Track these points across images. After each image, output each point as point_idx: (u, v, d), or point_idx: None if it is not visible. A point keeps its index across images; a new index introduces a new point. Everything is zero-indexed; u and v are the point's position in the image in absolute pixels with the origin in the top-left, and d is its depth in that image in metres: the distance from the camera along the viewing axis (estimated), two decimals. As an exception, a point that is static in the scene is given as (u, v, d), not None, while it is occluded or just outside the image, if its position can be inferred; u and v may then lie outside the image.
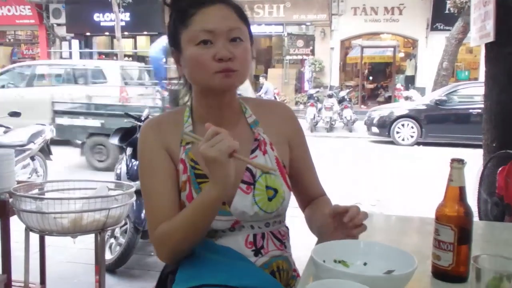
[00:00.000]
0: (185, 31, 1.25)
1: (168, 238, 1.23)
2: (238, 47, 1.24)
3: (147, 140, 1.34)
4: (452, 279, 1.09)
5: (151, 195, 1.30)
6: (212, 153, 1.10)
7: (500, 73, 3.45)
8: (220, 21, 1.23)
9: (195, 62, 1.24)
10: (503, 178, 2.87)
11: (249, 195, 1.29)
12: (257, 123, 1.39)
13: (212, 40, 1.22)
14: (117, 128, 4.01)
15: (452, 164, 1.09)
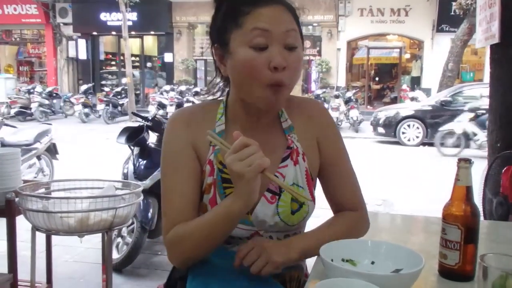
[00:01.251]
0: (236, 30, 1.16)
1: (182, 242, 1.17)
2: (292, 55, 1.15)
3: (174, 133, 1.26)
4: (459, 277, 1.09)
5: (171, 193, 1.23)
6: (239, 167, 1.03)
7: (505, 74, 3.45)
8: (276, 22, 1.14)
9: (247, 67, 1.14)
10: (507, 178, 2.87)
11: (273, 205, 1.23)
12: (291, 129, 1.30)
13: (267, 44, 1.13)
14: (124, 127, 4.02)
15: (459, 164, 1.09)
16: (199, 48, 20.35)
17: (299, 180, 1.26)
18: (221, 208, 1.13)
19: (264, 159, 1.04)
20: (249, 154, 1.03)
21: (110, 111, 15.04)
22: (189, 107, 1.37)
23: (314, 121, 1.33)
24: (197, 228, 1.15)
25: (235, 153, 1.04)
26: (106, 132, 11.67)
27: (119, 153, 5.69)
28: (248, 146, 1.04)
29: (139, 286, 3.45)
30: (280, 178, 1.24)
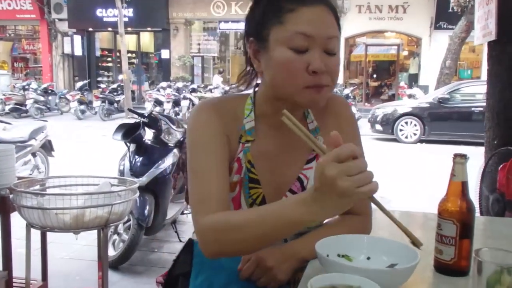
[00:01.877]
0: (277, 27, 1.10)
1: (227, 232, 1.04)
2: (332, 59, 1.11)
3: (207, 119, 1.18)
4: (454, 272, 1.09)
5: (205, 174, 1.13)
6: (347, 185, 0.85)
7: (502, 71, 3.46)
8: (321, 27, 1.09)
9: (285, 69, 1.09)
10: (504, 175, 2.88)
11: None
12: (317, 131, 1.27)
13: (307, 47, 1.08)
14: (120, 124, 4.01)
15: (455, 159, 1.09)
16: (196, 44, 20.32)
17: None
18: (289, 212, 0.96)
19: (376, 182, 0.88)
20: (359, 170, 0.86)
21: (106, 108, 15.02)
22: (215, 99, 1.28)
23: (337, 118, 1.30)
24: (249, 223, 1.02)
25: (340, 162, 0.86)
26: (102, 129, 11.66)
27: (115, 150, 5.68)
28: (356, 158, 0.87)
29: (136, 283, 3.45)
30: (304, 180, 1.23)
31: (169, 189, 3.92)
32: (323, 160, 0.87)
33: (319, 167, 0.88)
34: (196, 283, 1.24)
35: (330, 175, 0.85)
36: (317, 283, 0.92)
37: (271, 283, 1.16)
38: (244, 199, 1.19)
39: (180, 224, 4.56)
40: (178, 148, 4.03)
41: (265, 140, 1.21)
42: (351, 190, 0.85)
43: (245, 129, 1.20)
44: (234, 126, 1.20)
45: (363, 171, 0.86)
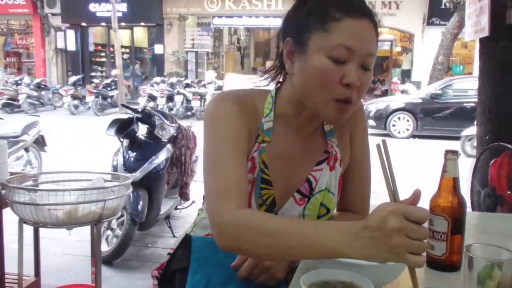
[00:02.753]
0: (320, 33, 1.07)
1: (251, 233, 0.98)
2: (366, 75, 1.09)
3: (233, 108, 1.15)
4: (446, 268, 1.10)
5: (228, 165, 1.09)
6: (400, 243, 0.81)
7: (494, 67, 3.48)
8: (362, 42, 1.07)
9: (320, 77, 1.07)
10: (495, 170, 2.90)
11: (300, 207, 1.22)
12: (333, 133, 1.27)
13: (347, 59, 1.06)
14: (114, 119, 4.00)
15: (447, 156, 1.10)
16: (190, 40, 20.25)
17: (332, 186, 1.25)
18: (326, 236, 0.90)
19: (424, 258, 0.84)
20: (419, 237, 0.82)
21: (99, 103, 14.95)
22: (237, 92, 1.23)
23: (351, 119, 1.27)
24: (280, 232, 0.96)
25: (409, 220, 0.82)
26: (95, 124, 11.61)
27: (109, 145, 5.67)
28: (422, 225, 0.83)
29: (130, 278, 3.45)
30: (312, 181, 1.23)
31: (162, 184, 3.92)
32: (393, 208, 0.83)
33: (384, 210, 0.84)
34: (195, 279, 1.23)
35: (392, 225, 0.82)
36: (310, 279, 0.93)
37: (269, 281, 1.17)
38: (255, 199, 1.19)
39: (174, 219, 4.56)
40: (172, 144, 4.02)
41: (281, 141, 1.21)
42: (401, 251, 0.82)
43: (263, 129, 1.20)
44: (254, 123, 1.19)
45: (421, 240, 0.82)
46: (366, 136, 1.34)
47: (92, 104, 14.85)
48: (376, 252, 0.84)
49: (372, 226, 0.84)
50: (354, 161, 1.31)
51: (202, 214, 1.35)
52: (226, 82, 4.30)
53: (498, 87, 3.43)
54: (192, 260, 1.25)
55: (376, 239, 0.83)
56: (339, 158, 1.27)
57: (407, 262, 0.83)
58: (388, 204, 0.85)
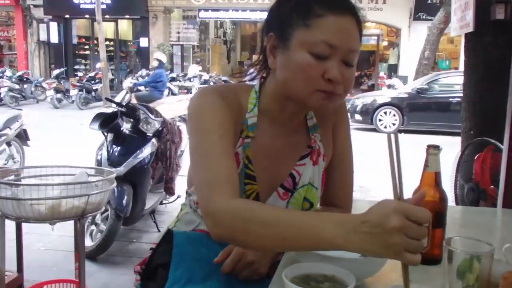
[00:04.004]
0: (303, 29, 1.08)
1: (247, 223, 0.97)
2: (349, 70, 1.11)
3: (218, 101, 1.15)
4: (427, 261, 1.10)
5: (219, 156, 1.08)
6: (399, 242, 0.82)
7: (479, 63, 3.50)
8: (344, 38, 1.08)
9: (302, 72, 1.08)
10: (479, 165, 2.93)
11: (283, 202, 1.23)
12: (316, 128, 1.29)
13: (329, 55, 1.07)
14: (97, 113, 3.96)
15: (428, 150, 1.11)
16: (176, 33, 20.13)
17: (315, 180, 1.26)
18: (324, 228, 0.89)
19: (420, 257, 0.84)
20: (417, 237, 0.83)
21: (83, 96, 14.81)
22: (220, 86, 1.24)
23: (334, 114, 1.31)
24: (277, 222, 0.95)
25: (410, 220, 0.82)
26: (79, 118, 11.50)
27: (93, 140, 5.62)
28: (421, 225, 0.84)
29: (114, 273, 3.43)
30: (296, 176, 1.23)
31: (147, 179, 3.90)
32: (397, 207, 0.83)
33: (387, 207, 0.83)
34: (176, 274, 1.22)
35: (393, 224, 0.81)
36: (292, 273, 0.93)
37: (253, 276, 1.17)
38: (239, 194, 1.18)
39: (159, 214, 4.54)
40: (157, 138, 4.00)
41: (266, 137, 1.22)
42: (398, 249, 0.82)
43: (247, 124, 1.20)
44: (238, 118, 1.18)
45: (419, 240, 0.83)
46: (349, 132, 1.36)
47: (75, 97, 14.69)
48: (374, 248, 0.84)
49: (372, 222, 0.84)
50: (336, 156, 1.32)
51: (185, 209, 1.35)
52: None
53: (483, 82, 3.46)
54: (174, 255, 1.24)
55: (375, 235, 0.83)
56: (322, 152, 1.28)
57: (404, 260, 0.83)
58: (391, 202, 0.85)
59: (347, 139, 1.35)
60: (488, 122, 3.44)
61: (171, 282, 1.20)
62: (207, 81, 15.01)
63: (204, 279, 1.19)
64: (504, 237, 1.03)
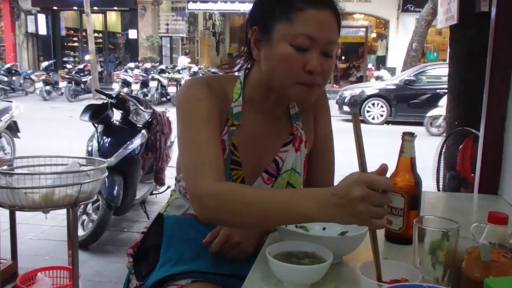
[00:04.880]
0: (284, 23, 1.14)
1: (230, 203, 1.04)
2: (328, 61, 1.17)
3: (203, 91, 1.21)
4: (402, 241, 1.19)
5: (204, 142, 1.15)
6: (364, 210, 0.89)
7: (463, 55, 3.54)
8: (323, 31, 1.14)
9: (284, 64, 1.15)
10: (461, 154, 3.01)
11: (268, 186, 1.29)
12: (298, 117, 1.36)
13: (308, 47, 1.14)
14: (88, 104, 4.00)
15: (404, 137, 1.18)
16: (164, 25, 20.04)
17: (298, 166, 1.33)
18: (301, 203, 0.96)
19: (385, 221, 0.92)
20: (380, 204, 0.90)
21: (72, 88, 14.73)
22: (206, 77, 1.32)
23: (315, 102, 1.37)
24: (259, 199, 1.02)
25: (371, 188, 0.89)
26: (69, 110, 11.49)
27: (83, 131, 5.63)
28: (386, 193, 0.91)
29: (106, 262, 3.48)
30: (279, 162, 1.30)
31: (138, 169, 3.95)
32: (358, 178, 0.90)
33: (350, 179, 0.91)
34: (167, 255, 1.29)
35: (355, 194, 0.89)
36: (275, 250, 1.00)
37: (239, 256, 1.23)
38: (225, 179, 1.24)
39: (149, 204, 4.60)
40: (147, 129, 4.04)
41: (250, 124, 1.28)
42: (364, 216, 0.90)
43: (233, 113, 1.26)
44: (224, 107, 1.24)
45: (383, 206, 0.91)
46: (330, 120, 1.43)
47: (64, 89, 14.61)
48: (344, 217, 0.92)
49: (339, 194, 0.92)
50: (318, 144, 1.40)
51: (175, 195, 1.41)
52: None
53: (468, 74, 3.50)
54: (165, 237, 1.31)
55: (343, 206, 0.91)
56: (303, 139, 1.35)
57: (370, 225, 0.91)
58: (354, 174, 0.93)
59: (328, 127, 1.42)
60: (472, 113, 3.49)
61: (162, 262, 1.27)
62: (196, 73, 15.00)
63: (193, 259, 1.25)
64: (478, 220, 1.11)
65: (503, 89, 1.72)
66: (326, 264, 0.95)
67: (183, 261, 1.25)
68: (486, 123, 1.75)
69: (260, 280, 1.00)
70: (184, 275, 1.23)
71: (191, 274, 1.22)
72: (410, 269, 0.92)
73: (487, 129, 1.75)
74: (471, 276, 0.83)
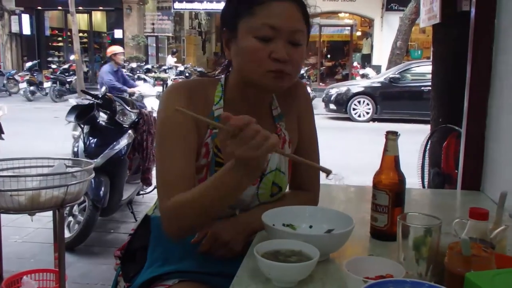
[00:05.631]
0: (247, 18, 1.18)
1: (183, 209, 1.13)
2: (296, 50, 1.19)
3: (177, 101, 1.21)
4: (387, 237, 1.21)
5: (171, 159, 1.19)
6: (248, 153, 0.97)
7: (446, 53, 3.58)
8: (286, 20, 1.17)
9: (250, 56, 1.18)
10: (444, 151, 3.05)
11: (254, 187, 1.30)
12: (281, 117, 1.37)
13: (272, 37, 1.16)
14: (73, 105, 3.98)
15: (387, 136, 1.20)
16: (150, 24, 19.96)
17: (282, 166, 1.34)
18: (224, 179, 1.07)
19: (273, 137, 0.99)
20: (251, 136, 0.97)
21: (57, 88, 14.62)
22: (188, 82, 1.36)
23: (296, 100, 1.40)
24: (198, 195, 1.11)
25: (234, 137, 0.97)
26: (54, 111, 11.39)
27: (69, 132, 5.59)
28: (246, 127, 0.97)
29: (92, 264, 3.47)
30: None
31: (124, 170, 3.93)
32: (219, 136, 1.00)
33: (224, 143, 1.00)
34: (154, 256, 1.30)
35: (229, 151, 0.99)
36: (263, 249, 1.01)
37: (228, 255, 1.24)
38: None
39: (136, 205, 4.59)
40: (133, 129, 4.03)
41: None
42: (253, 154, 0.97)
43: (214, 116, 1.27)
44: (204, 111, 1.25)
45: (255, 135, 0.97)
46: (313, 120, 1.44)
47: (49, 90, 14.50)
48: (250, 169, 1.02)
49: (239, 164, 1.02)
50: (302, 143, 1.41)
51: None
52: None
53: (451, 72, 3.53)
54: (152, 238, 1.33)
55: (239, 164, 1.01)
56: (287, 140, 1.36)
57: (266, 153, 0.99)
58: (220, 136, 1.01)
59: (312, 127, 1.43)
60: (455, 110, 3.53)
61: (149, 263, 1.28)
62: (183, 72, 14.96)
63: (181, 259, 1.26)
64: (460, 216, 1.14)
65: (483, 88, 1.75)
66: (313, 262, 0.97)
67: (170, 262, 1.26)
68: (468, 121, 1.78)
69: (249, 278, 1.02)
70: (171, 275, 1.24)
71: (178, 274, 1.24)
72: (394, 265, 0.94)
73: (469, 126, 1.79)
74: (453, 271, 0.85)
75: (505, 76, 1.65)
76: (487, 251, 0.86)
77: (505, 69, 1.65)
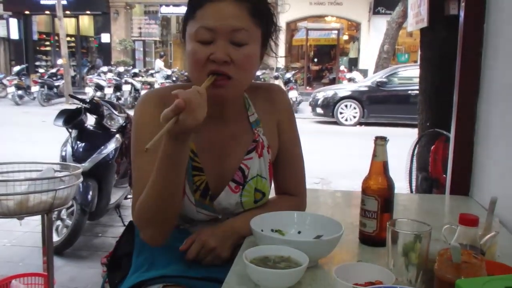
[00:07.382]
0: (190, 23, 1.19)
1: (144, 209, 1.15)
2: (239, 51, 1.16)
3: (147, 112, 1.23)
4: (376, 243, 1.21)
5: (141, 173, 1.20)
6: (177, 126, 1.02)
7: (434, 57, 3.60)
8: (222, 20, 1.14)
9: (191, 59, 1.18)
10: (432, 155, 3.07)
11: (236, 195, 1.29)
12: (258, 123, 1.35)
13: (212, 39, 1.15)
14: (61, 109, 3.95)
15: (376, 141, 1.21)
16: (137, 28, 19.90)
17: (263, 171, 1.33)
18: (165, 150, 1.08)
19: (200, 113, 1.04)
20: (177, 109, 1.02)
21: (45, 93, 14.52)
22: (161, 89, 1.35)
23: (275, 106, 1.38)
24: (149, 187, 1.13)
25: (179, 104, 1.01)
26: (42, 115, 11.30)
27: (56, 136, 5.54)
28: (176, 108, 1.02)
29: (81, 268, 3.45)
30: (245, 170, 1.30)
31: (112, 174, 3.92)
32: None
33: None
34: (138, 261, 1.30)
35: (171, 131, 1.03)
36: (252, 254, 1.02)
37: (216, 261, 1.24)
38: (188, 186, 1.25)
39: (124, 209, 4.55)
40: (121, 133, 4.02)
41: (208, 131, 1.27)
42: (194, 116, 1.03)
43: None
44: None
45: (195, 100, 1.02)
46: (295, 126, 1.43)
47: (37, 94, 14.39)
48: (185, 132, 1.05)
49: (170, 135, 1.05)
50: (284, 150, 1.40)
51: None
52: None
53: (438, 76, 3.56)
54: (136, 244, 1.33)
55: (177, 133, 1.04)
56: (266, 145, 1.35)
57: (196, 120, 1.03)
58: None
59: (293, 133, 1.42)
60: (443, 114, 3.56)
61: (134, 268, 1.28)
62: (170, 76, 14.93)
63: (166, 265, 1.26)
64: (449, 221, 1.14)
65: (472, 92, 1.74)
66: (302, 268, 0.97)
67: (155, 267, 1.26)
68: (456, 126, 1.79)
69: (237, 284, 1.02)
70: (156, 280, 1.23)
71: (163, 279, 1.23)
72: (384, 271, 0.95)
73: (458, 131, 1.79)
74: (443, 278, 0.85)
75: (494, 81, 1.65)
76: (477, 258, 0.85)
77: (494, 74, 1.65)
